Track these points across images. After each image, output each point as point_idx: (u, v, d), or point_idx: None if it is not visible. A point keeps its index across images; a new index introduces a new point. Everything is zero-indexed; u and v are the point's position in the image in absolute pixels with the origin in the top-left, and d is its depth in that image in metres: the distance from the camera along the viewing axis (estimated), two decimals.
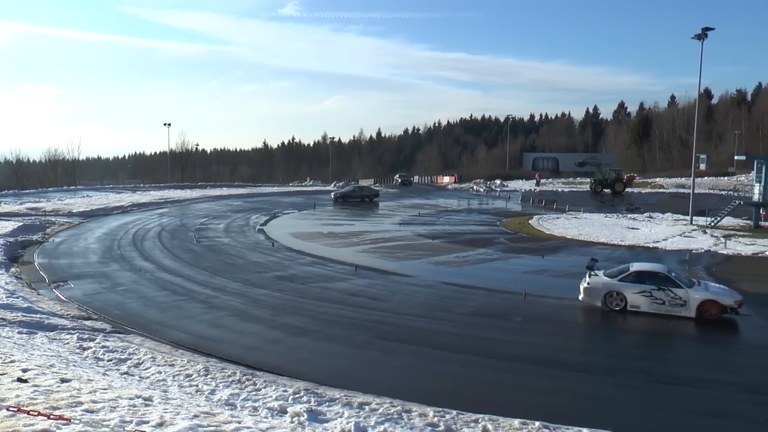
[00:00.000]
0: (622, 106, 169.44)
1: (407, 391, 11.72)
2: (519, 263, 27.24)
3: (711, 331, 16.96)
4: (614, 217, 45.91)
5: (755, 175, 42.12)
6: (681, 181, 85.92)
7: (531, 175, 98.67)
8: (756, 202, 41.05)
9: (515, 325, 16.97)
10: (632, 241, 34.03)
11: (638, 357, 14.52)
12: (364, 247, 31.09)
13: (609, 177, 72.70)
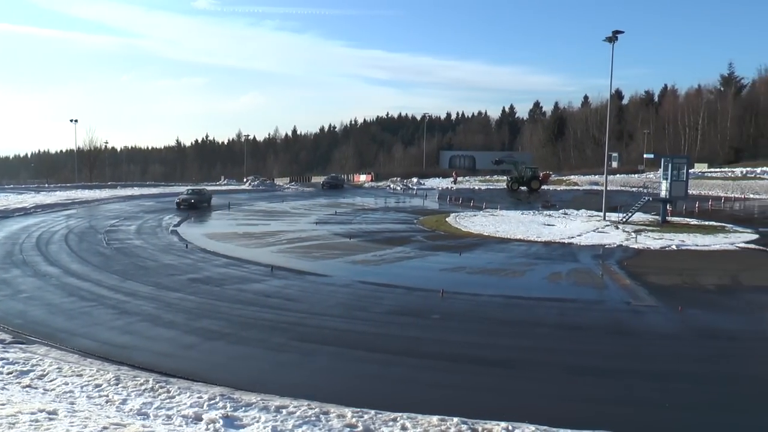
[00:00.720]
0: (538, 106, 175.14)
1: (326, 393, 11.76)
2: (436, 261, 27.72)
3: (621, 322, 17.82)
4: (530, 214, 47.35)
5: (662, 172, 44.45)
6: (594, 178, 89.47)
7: (448, 173, 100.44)
8: (663, 198, 43.33)
9: (433, 322, 17.29)
10: (548, 237, 35.22)
11: (554, 350, 15.06)
12: (281, 247, 30.89)
13: (525, 175, 74.89)
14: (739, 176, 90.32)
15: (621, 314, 18.79)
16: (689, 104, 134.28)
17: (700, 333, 16.97)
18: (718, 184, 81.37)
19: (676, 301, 20.05)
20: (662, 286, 22.93)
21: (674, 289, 22.50)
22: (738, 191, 74.91)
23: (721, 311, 19.43)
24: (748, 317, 18.84)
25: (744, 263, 28.58)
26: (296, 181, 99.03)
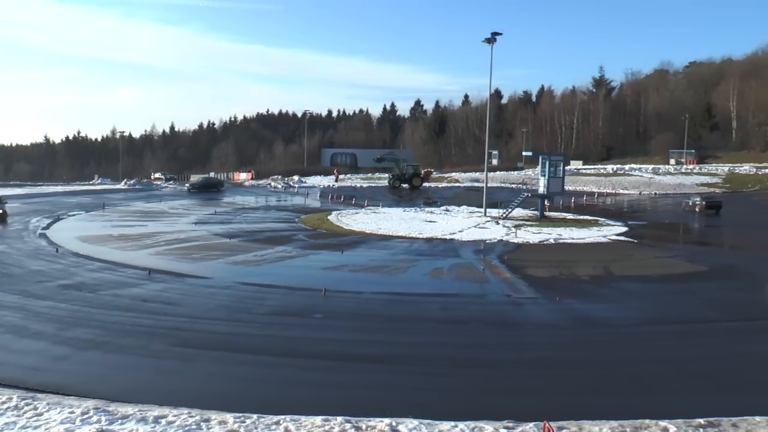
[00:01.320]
0: (419, 104, 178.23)
1: (209, 399, 11.43)
2: (318, 260, 27.67)
3: (503, 314, 18.49)
4: (412, 211, 48.18)
5: (540, 169, 46.54)
6: (475, 175, 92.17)
7: (329, 170, 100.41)
8: (541, 194, 45.35)
9: (316, 322, 17.24)
10: (430, 233, 35.97)
11: (439, 344, 15.39)
12: (158, 249, 29.81)
13: (407, 172, 75.99)
14: (611, 173, 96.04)
15: (502, 306, 19.49)
16: (565, 104, 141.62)
17: (577, 321, 17.90)
18: (592, 180, 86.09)
19: (554, 292, 21.06)
20: (541, 278, 24.04)
21: (552, 281, 23.65)
22: (610, 187, 79.63)
23: (595, 300, 20.60)
24: (619, 305, 20.12)
25: (615, 254, 30.48)
26: (175, 179, 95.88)
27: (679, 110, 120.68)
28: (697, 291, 22.70)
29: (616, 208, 58.35)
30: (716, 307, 20.03)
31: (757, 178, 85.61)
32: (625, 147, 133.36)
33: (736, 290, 23.06)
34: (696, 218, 50.17)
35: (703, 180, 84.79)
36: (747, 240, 39.28)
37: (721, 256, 32.46)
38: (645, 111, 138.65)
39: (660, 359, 14.58)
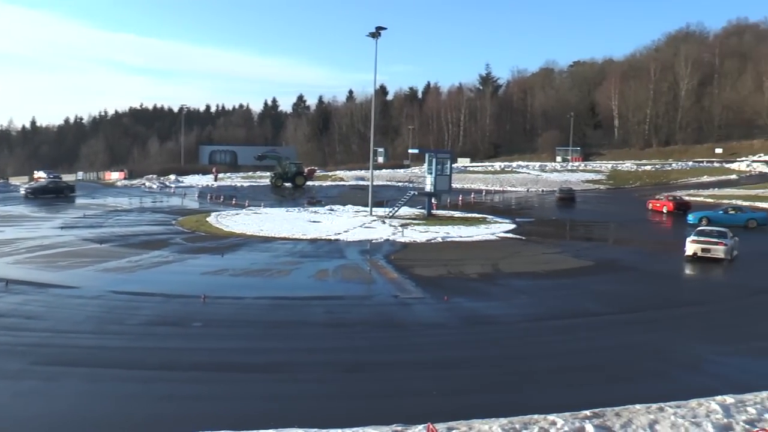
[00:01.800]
0: (302, 100, 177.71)
1: (75, 422, 10.83)
2: (197, 264, 27.00)
3: (390, 315, 18.69)
4: (296, 211, 47.94)
5: (427, 167, 47.43)
6: (361, 173, 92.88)
7: (208, 169, 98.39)
8: (428, 192, 46.22)
9: (195, 331, 16.78)
10: (314, 234, 35.90)
11: (325, 349, 15.35)
12: (18, 257, 27.96)
13: (289, 170, 75.62)
14: (498, 170, 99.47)
15: (389, 308, 19.70)
16: (451, 101, 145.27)
17: (465, 320, 18.36)
18: (479, 177, 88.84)
19: (442, 291, 21.51)
20: (429, 278, 24.50)
21: (440, 280, 24.16)
22: (497, 184, 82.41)
23: (483, 298, 21.21)
24: (507, 302, 20.83)
25: (503, 252, 31.54)
26: (59, 178, 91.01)
27: (565, 108, 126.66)
28: (583, 285, 23.86)
29: (504, 205, 60.42)
30: (601, 301, 21.13)
31: (638, 175, 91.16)
32: (513, 144, 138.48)
33: (619, 283, 24.50)
34: (574, 211, 52.72)
35: (588, 177, 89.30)
36: (630, 235, 41.70)
37: (606, 251, 34.36)
38: (532, 109, 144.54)
39: (547, 354, 15.20)
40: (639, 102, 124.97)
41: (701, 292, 23.57)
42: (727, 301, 21.88)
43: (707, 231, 31.52)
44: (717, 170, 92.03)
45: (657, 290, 23.75)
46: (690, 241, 30.22)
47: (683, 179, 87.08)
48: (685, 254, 30.28)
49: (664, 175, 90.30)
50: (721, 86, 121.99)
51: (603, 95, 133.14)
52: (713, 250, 29.49)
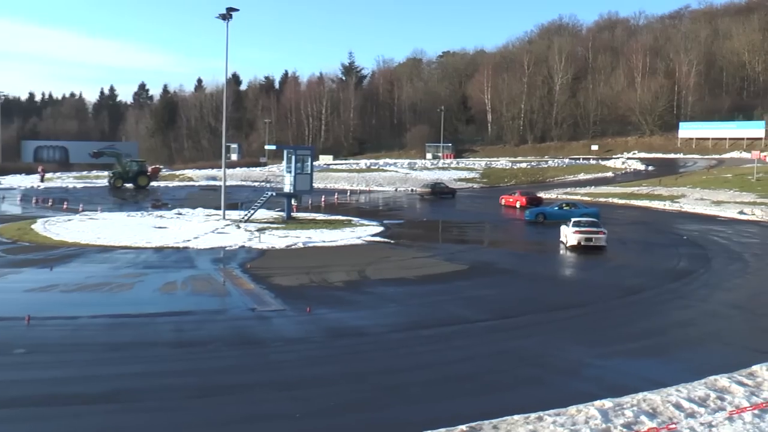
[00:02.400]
0: (144, 88, 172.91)
1: None
2: (20, 280, 25.56)
3: (247, 331, 18.44)
4: (138, 216, 46.53)
5: (286, 165, 47.21)
6: (212, 172, 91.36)
7: (33, 168, 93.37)
8: (288, 193, 46.00)
9: (17, 359, 15.78)
10: (160, 241, 34.94)
11: (173, 372, 14.91)
12: None
13: (131, 169, 73.38)
14: (364, 168, 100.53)
15: (246, 322, 19.45)
16: (312, 92, 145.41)
17: (330, 333, 18.38)
18: (343, 176, 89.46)
19: (305, 302, 21.44)
20: (289, 288, 24.40)
21: (302, 290, 24.11)
22: (363, 184, 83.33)
23: (350, 308, 21.35)
24: (376, 311, 21.08)
25: (371, 257, 31.93)
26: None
27: (435, 102, 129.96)
28: (457, 291, 24.52)
29: (371, 206, 61.18)
30: (476, 307, 21.78)
31: (513, 173, 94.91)
32: (379, 140, 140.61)
33: (495, 287, 25.44)
34: (446, 212, 54.21)
35: (461, 175, 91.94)
36: (505, 235, 43.30)
37: (481, 253, 35.54)
38: (399, 102, 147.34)
39: (420, 365, 15.48)
40: (513, 96, 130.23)
41: (578, 293, 24.77)
42: (603, 302, 23.13)
43: (583, 222, 35.86)
44: (593, 167, 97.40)
45: (533, 293, 24.78)
46: (573, 232, 34.32)
47: (560, 177, 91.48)
48: (567, 245, 34.54)
49: (540, 173, 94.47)
50: (595, 81, 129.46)
51: (475, 88, 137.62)
52: (595, 239, 34.13)
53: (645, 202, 60.59)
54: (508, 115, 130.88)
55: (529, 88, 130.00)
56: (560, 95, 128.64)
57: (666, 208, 57.10)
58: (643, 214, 53.57)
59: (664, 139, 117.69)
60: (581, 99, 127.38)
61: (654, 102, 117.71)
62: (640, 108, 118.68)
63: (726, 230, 42.54)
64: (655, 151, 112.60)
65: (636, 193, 66.21)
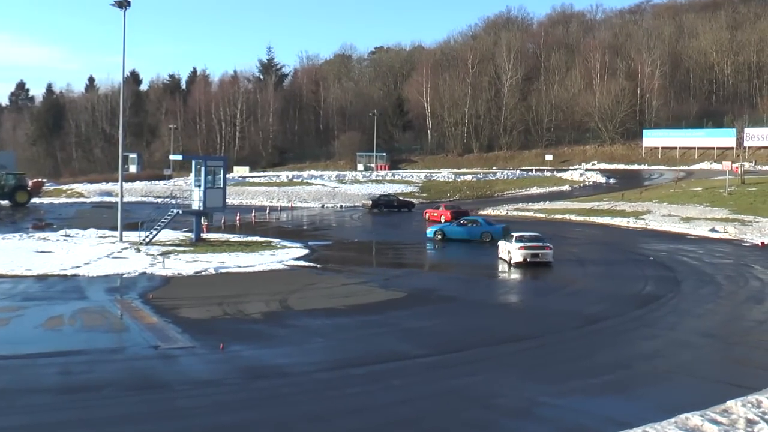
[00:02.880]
0: (23, 88, 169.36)
1: None
2: None
3: (149, 372, 18.10)
4: (16, 239, 45.47)
5: (194, 178, 46.77)
6: (107, 187, 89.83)
7: None
8: (197, 211, 45.51)
9: None
10: (43, 268, 34.24)
11: (60, 423, 14.51)
12: None
13: (6, 183, 71.86)
14: (286, 182, 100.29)
15: (148, 362, 19.09)
16: (225, 94, 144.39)
17: (247, 373, 18.17)
18: (262, 191, 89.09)
19: (217, 338, 21.17)
20: (199, 321, 24.12)
21: (214, 323, 23.85)
22: (285, 199, 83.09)
23: (269, 344, 21.18)
24: (300, 347, 20.93)
25: (294, 284, 31.85)
26: None
27: (367, 105, 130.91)
28: (393, 322, 24.56)
29: (294, 225, 61.11)
30: (414, 340, 21.82)
31: (457, 186, 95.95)
32: (303, 149, 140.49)
33: (437, 317, 25.59)
34: (384, 231, 54.42)
35: (397, 188, 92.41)
36: (450, 257, 43.60)
37: (421, 278, 35.84)
38: (326, 104, 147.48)
39: (351, 410, 15.39)
40: (455, 98, 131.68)
41: (531, 323, 25.07)
42: (559, 332, 23.44)
43: (527, 237, 37.87)
44: (548, 180, 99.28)
45: (480, 323, 25.02)
46: (518, 248, 36.30)
47: (510, 191, 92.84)
48: (512, 262, 36.44)
49: (487, 186, 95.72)
50: (549, 83, 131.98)
51: (412, 89, 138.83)
52: (542, 255, 36.31)
53: (606, 218, 61.86)
54: (450, 120, 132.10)
55: (474, 90, 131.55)
56: (509, 98, 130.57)
57: (630, 225, 58.40)
58: (605, 232, 54.72)
59: (626, 148, 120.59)
60: (533, 102, 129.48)
61: (615, 106, 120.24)
62: (599, 113, 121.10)
63: (696, 250, 43.72)
64: (616, 162, 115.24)
65: (596, 209, 67.48)
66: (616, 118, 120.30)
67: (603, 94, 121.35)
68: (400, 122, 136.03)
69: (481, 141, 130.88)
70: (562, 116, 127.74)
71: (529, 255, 35.90)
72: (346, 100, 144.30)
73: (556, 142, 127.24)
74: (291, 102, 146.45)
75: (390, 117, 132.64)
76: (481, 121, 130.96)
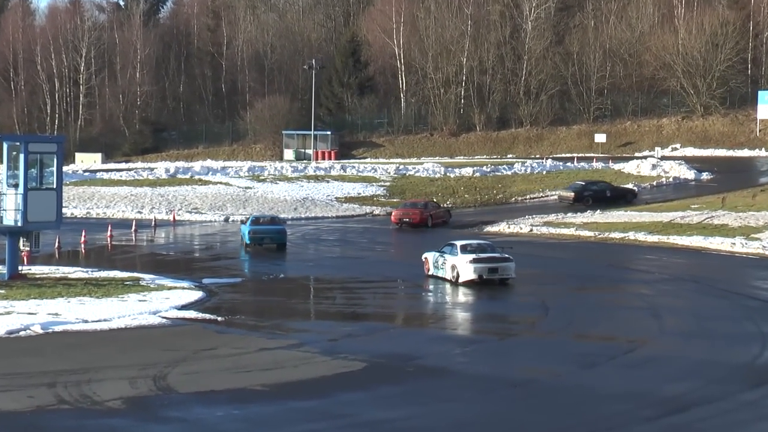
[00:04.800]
0: None
1: None
2: None
3: None
4: None
5: (6, 172, 46.37)
6: None
7: None
8: (9, 228, 44.94)
9: None
10: None
11: None
12: None
13: None
14: (165, 179, 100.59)
15: None
16: (60, 30, 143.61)
17: None
18: (124, 194, 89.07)
19: None
20: (15, 415, 23.65)
21: (40, 419, 23.43)
22: (163, 208, 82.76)
23: None
24: None
25: (179, 349, 31.65)
26: None
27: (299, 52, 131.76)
28: (344, 413, 24.29)
29: (180, 251, 60.99)
30: None
31: (448, 185, 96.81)
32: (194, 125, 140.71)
33: (412, 405, 25.21)
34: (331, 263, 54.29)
35: (350, 189, 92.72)
36: (435, 300, 43.46)
37: (389, 337, 35.93)
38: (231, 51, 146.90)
39: None
40: (446, 41, 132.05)
41: (569, 415, 24.91)
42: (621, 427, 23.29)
43: (475, 246, 41.98)
44: (599, 176, 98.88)
45: (489, 415, 24.77)
46: (468, 261, 39.82)
47: (535, 193, 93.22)
48: (459, 281, 40.48)
49: (499, 186, 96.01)
50: (599, 14, 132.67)
51: (375, 25, 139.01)
52: (502, 269, 40.32)
53: (697, 239, 62.16)
54: (438, 77, 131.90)
55: (478, 27, 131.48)
56: (535, 40, 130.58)
57: (736, 250, 58.69)
58: (694, 261, 54.97)
59: (729, 123, 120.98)
60: (574, 47, 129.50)
61: (710, 53, 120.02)
62: (684, 64, 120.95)
63: None
64: (713, 145, 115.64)
65: (680, 223, 67.76)
66: (712, 73, 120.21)
67: (691, 32, 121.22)
68: (355, 81, 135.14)
69: (489, 112, 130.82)
70: (621, 71, 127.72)
71: (485, 270, 39.24)
72: (264, 43, 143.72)
73: (612, 113, 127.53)
74: (173, 46, 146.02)
75: (338, 72, 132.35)
76: (489, 78, 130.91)
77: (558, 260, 54.30)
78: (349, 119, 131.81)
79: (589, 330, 34.91)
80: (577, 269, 51.61)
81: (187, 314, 37.75)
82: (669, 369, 29.44)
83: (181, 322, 36.60)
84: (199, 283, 44.84)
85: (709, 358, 30.61)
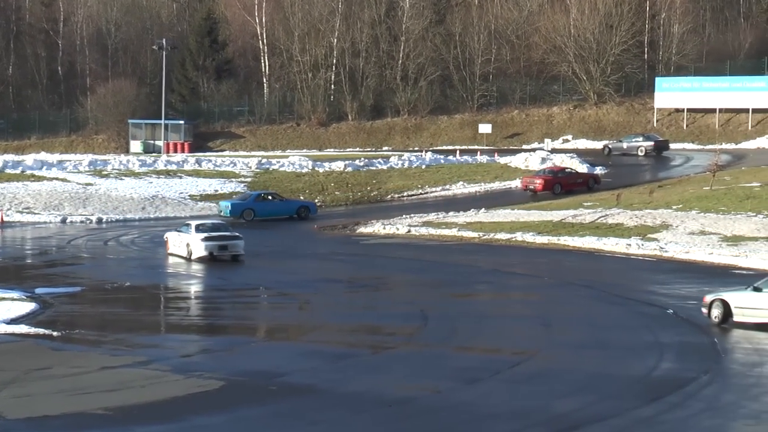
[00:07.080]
0: None
1: None
2: None
3: None
4: None
5: None
6: None
7: None
8: None
9: None
10: None
11: None
12: None
13: None
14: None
15: None
16: None
17: None
18: None
19: None
20: None
21: None
22: None
23: None
24: None
25: (7, 369, 30.99)
26: None
27: (147, 29, 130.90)
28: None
29: (9, 256, 60.21)
30: None
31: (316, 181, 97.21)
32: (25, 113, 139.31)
33: (275, 429, 25.16)
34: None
35: (206, 186, 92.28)
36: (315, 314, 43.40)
37: (252, 352, 35.96)
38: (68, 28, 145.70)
39: None
40: (314, 20, 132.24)
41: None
42: None
43: (208, 225, 48.39)
44: (483, 170, 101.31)
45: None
46: (200, 239, 45.90)
47: (414, 190, 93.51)
48: (192, 257, 45.91)
49: (374, 182, 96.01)
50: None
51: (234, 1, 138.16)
52: (231, 246, 46.30)
53: (590, 240, 62.84)
54: (305, 60, 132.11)
55: (350, 6, 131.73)
56: (413, 21, 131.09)
57: (631, 251, 59.43)
58: (586, 264, 55.57)
59: (625, 112, 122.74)
60: (456, 28, 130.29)
61: (605, 35, 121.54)
62: (576, 47, 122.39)
63: None
64: (607, 136, 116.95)
65: (571, 223, 68.39)
66: (606, 58, 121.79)
67: (583, 12, 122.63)
68: (212, 64, 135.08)
69: (362, 99, 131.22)
70: (508, 54, 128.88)
71: (215, 248, 45.51)
72: (108, 19, 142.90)
73: (498, 101, 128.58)
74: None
75: (193, 54, 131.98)
76: (362, 62, 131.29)
77: (438, 264, 54.44)
78: (205, 107, 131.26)
79: (472, 341, 35.04)
80: (460, 274, 52.09)
81: (17, 329, 37.13)
82: (559, 384, 29.60)
83: (9, 338, 36.01)
84: (32, 293, 44.26)
85: (603, 371, 30.87)
